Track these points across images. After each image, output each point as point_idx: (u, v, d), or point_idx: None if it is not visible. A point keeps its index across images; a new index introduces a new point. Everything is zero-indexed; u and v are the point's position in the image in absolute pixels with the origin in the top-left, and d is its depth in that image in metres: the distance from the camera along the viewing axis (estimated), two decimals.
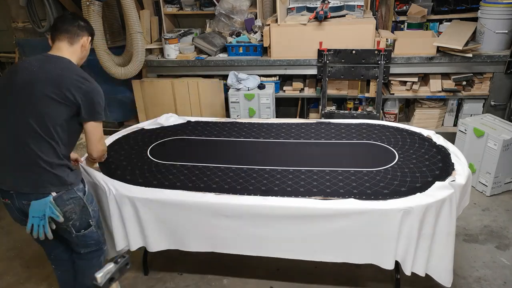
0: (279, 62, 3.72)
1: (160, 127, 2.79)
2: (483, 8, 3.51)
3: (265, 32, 3.66)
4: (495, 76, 3.56)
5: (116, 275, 1.18)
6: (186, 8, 4.15)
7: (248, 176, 2.16)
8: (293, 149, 2.45)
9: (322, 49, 3.54)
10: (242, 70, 3.78)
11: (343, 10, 3.75)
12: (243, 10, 3.96)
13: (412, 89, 3.69)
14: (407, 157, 2.26)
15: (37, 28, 4.09)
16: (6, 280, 2.51)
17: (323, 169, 2.19)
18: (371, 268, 2.44)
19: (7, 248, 2.80)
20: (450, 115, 3.84)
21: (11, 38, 4.54)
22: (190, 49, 3.87)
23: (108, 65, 3.75)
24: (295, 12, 3.89)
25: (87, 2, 3.46)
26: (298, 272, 2.45)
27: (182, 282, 2.42)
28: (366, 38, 3.52)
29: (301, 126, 2.71)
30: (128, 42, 3.92)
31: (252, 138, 2.60)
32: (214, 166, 2.27)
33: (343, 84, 3.78)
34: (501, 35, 3.48)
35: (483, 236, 2.68)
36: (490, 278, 2.34)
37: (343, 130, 2.63)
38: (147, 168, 2.29)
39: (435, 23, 3.96)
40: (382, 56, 3.42)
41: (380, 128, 2.62)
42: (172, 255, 2.64)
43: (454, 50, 3.40)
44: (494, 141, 2.96)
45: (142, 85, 3.98)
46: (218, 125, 2.80)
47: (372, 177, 2.08)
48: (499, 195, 3.11)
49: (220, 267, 2.52)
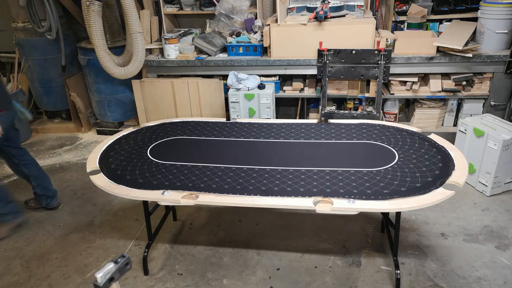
0: (279, 62, 3.72)
1: (161, 127, 2.79)
2: (483, 8, 3.51)
3: (265, 32, 3.66)
4: (495, 76, 3.56)
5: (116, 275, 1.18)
6: (186, 8, 4.15)
7: (248, 176, 2.16)
8: (293, 149, 2.45)
9: (322, 49, 3.54)
10: (242, 70, 3.78)
11: (343, 10, 3.75)
12: (243, 10, 3.96)
13: (412, 89, 3.69)
14: (407, 157, 2.26)
15: (37, 28, 4.09)
16: (6, 280, 2.51)
17: (323, 169, 2.19)
18: (371, 268, 2.44)
19: (7, 248, 2.80)
20: (450, 115, 3.84)
21: (11, 38, 4.54)
22: (190, 49, 3.87)
23: (108, 65, 3.75)
24: (295, 12, 3.89)
25: (87, 2, 3.47)
26: (298, 272, 2.45)
27: (182, 282, 2.43)
28: (366, 38, 3.52)
29: (301, 126, 2.71)
30: (128, 42, 3.92)
31: (252, 138, 2.60)
32: (214, 166, 2.27)
33: (343, 84, 3.78)
34: (501, 35, 3.49)
35: (483, 236, 2.68)
36: (490, 278, 2.35)
37: (343, 130, 2.63)
38: (147, 168, 2.29)
39: (435, 23, 3.96)
40: (382, 56, 3.42)
41: (380, 128, 2.62)
42: (172, 255, 2.64)
43: (454, 50, 3.40)
44: (494, 141, 2.96)
45: (142, 85, 3.98)
46: (218, 125, 2.80)
47: (372, 177, 2.09)
48: (499, 195, 3.11)
49: (220, 267, 2.52)
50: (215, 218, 2.98)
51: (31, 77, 4.47)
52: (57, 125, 4.68)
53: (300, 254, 2.59)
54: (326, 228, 2.81)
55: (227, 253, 2.63)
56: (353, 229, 2.79)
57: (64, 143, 4.39)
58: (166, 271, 2.51)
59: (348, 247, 2.63)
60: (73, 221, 3.05)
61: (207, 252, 2.65)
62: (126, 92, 4.31)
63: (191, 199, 2.04)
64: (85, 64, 4.21)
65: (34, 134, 4.62)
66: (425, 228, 2.77)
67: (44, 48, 4.29)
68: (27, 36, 4.26)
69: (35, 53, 4.30)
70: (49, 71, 4.40)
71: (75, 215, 3.13)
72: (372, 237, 2.71)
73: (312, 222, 2.87)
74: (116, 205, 3.21)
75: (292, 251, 2.62)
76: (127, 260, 1.21)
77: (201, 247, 2.70)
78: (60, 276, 2.51)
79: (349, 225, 2.83)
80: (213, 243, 2.73)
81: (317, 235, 2.75)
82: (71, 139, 4.47)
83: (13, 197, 3.06)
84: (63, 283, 2.46)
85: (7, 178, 3.72)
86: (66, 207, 3.23)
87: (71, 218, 3.09)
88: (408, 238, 2.68)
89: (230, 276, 2.44)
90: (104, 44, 3.71)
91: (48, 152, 4.19)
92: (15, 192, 3.46)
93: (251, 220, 2.93)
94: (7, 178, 3.72)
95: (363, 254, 2.56)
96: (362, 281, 2.36)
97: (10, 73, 4.66)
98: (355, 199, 1.93)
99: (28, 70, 4.42)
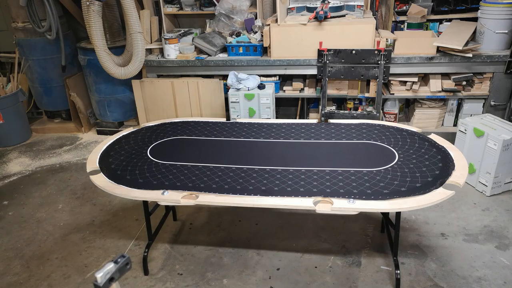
0: (279, 62, 3.72)
1: (161, 127, 2.79)
2: (483, 8, 3.51)
3: (265, 32, 3.66)
4: (495, 76, 3.56)
5: (116, 275, 1.18)
6: (186, 8, 4.15)
7: (248, 176, 2.16)
8: (293, 149, 2.45)
9: (322, 49, 3.54)
10: (242, 70, 3.78)
11: (343, 10, 3.75)
12: (243, 10, 3.96)
13: (412, 89, 3.69)
14: (407, 157, 2.26)
15: (37, 28, 4.09)
16: (6, 280, 2.51)
17: (323, 169, 2.19)
18: (371, 268, 2.44)
19: (7, 248, 2.80)
20: (450, 115, 3.84)
21: (11, 38, 4.54)
22: (190, 49, 3.88)
23: (108, 65, 3.75)
24: (295, 12, 3.89)
25: (87, 2, 3.47)
26: (298, 272, 2.45)
27: (182, 282, 2.43)
28: (366, 38, 3.52)
29: (301, 126, 2.71)
30: (128, 42, 3.92)
31: (252, 138, 2.60)
32: (214, 166, 2.28)
33: (343, 84, 3.78)
34: (501, 35, 3.49)
35: (483, 236, 2.68)
36: (490, 278, 2.35)
37: (343, 130, 2.63)
38: (147, 168, 2.29)
39: (435, 23, 3.96)
40: (382, 56, 3.42)
41: (380, 128, 2.62)
42: (172, 255, 2.64)
43: (454, 50, 3.40)
44: (494, 141, 2.96)
45: (142, 85, 3.98)
46: (218, 125, 2.80)
47: (372, 177, 2.09)
48: (499, 195, 3.11)
49: (220, 267, 2.52)
50: (215, 218, 2.98)
51: (31, 77, 4.47)
52: (57, 125, 4.68)
53: (300, 254, 2.59)
54: (326, 228, 2.81)
55: (227, 253, 2.63)
56: (353, 229, 2.79)
57: (64, 143, 4.39)
58: (166, 271, 2.51)
59: (348, 247, 2.63)
60: (73, 221, 3.06)
61: (207, 252, 2.65)
62: (126, 92, 4.31)
63: (191, 199, 2.04)
64: (85, 64, 4.21)
65: (34, 134, 4.62)
66: (425, 228, 2.77)
67: (44, 48, 4.29)
68: (27, 36, 4.26)
69: (35, 53, 4.30)
70: (49, 71, 4.40)
71: (75, 215, 3.13)
72: (372, 237, 2.71)
73: (312, 222, 2.87)
74: (116, 205, 3.21)
75: (292, 251, 2.62)
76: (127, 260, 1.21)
77: (201, 247, 2.70)
78: (60, 276, 2.52)
79: (349, 225, 2.83)
80: (213, 243, 2.73)
81: (317, 235, 2.75)
82: (71, 139, 4.47)
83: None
84: (63, 283, 2.46)
85: (7, 178, 3.72)
86: (66, 207, 3.23)
87: (71, 218, 3.09)
88: (408, 238, 2.68)
89: (230, 276, 2.45)
90: (104, 44, 3.71)
91: (48, 152, 4.19)
92: (15, 193, 3.47)
93: (251, 220, 2.93)
94: (7, 178, 3.72)
95: (363, 254, 2.56)
96: (362, 281, 2.36)
97: (10, 73, 4.66)
98: (355, 199, 1.93)
99: (28, 70, 4.42)
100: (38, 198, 3.38)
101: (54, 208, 3.22)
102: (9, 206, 3.28)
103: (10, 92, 4.31)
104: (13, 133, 4.37)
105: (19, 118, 4.40)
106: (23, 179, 3.70)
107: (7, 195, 3.44)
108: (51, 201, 3.32)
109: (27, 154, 4.18)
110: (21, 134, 4.46)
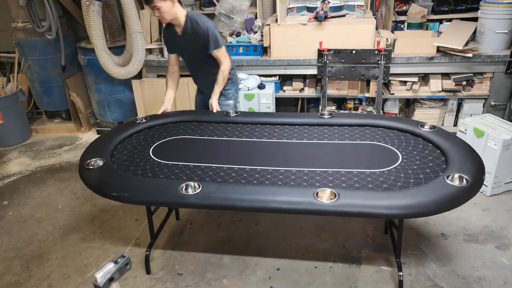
0: (279, 62, 3.72)
1: (161, 127, 2.79)
2: (483, 8, 3.51)
3: (265, 32, 3.66)
4: (495, 76, 3.56)
5: (116, 275, 1.18)
6: (186, 8, 4.14)
7: (251, 176, 2.16)
8: (296, 150, 2.44)
9: (322, 49, 3.54)
10: (242, 70, 3.78)
11: (343, 10, 3.75)
12: (243, 10, 3.96)
13: (412, 89, 3.69)
14: (411, 158, 2.25)
15: (37, 28, 4.09)
16: (6, 280, 2.51)
17: (326, 169, 2.18)
18: (371, 268, 2.44)
19: (7, 248, 2.80)
20: (450, 115, 3.84)
21: (11, 38, 4.54)
22: None
23: (108, 65, 3.75)
24: (295, 12, 3.89)
25: (87, 2, 3.47)
26: (298, 272, 2.45)
27: (182, 282, 2.42)
28: (366, 38, 3.52)
29: (304, 126, 2.71)
30: (128, 42, 3.92)
31: (255, 138, 2.60)
32: (217, 166, 2.27)
33: (343, 84, 3.78)
34: (501, 35, 3.49)
35: (483, 236, 2.68)
36: (490, 278, 2.34)
37: (346, 130, 2.63)
38: (149, 167, 2.29)
39: (435, 23, 3.96)
40: (382, 56, 3.42)
41: (384, 128, 2.61)
42: (172, 255, 2.64)
43: (454, 50, 3.40)
44: (494, 141, 2.96)
45: (142, 85, 3.98)
46: (220, 125, 2.79)
47: (375, 178, 2.08)
48: (499, 195, 3.11)
49: (220, 267, 2.52)
50: (215, 218, 2.98)
51: (31, 77, 4.47)
52: (57, 125, 4.68)
53: (300, 254, 2.59)
54: (326, 228, 2.81)
55: (227, 253, 2.63)
56: (353, 229, 2.79)
57: (64, 143, 4.39)
58: (166, 271, 2.51)
59: (348, 247, 2.62)
60: (73, 221, 3.05)
61: (207, 252, 2.65)
62: (126, 92, 4.31)
63: None
64: (85, 64, 4.21)
65: (34, 134, 4.62)
66: (425, 228, 2.77)
67: (44, 48, 4.28)
68: (27, 36, 4.26)
69: (35, 53, 4.30)
70: (49, 71, 4.40)
71: (75, 215, 3.12)
72: (372, 237, 2.71)
73: (312, 222, 2.87)
74: (116, 205, 3.20)
75: (292, 251, 2.61)
76: (127, 260, 1.21)
77: (201, 247, 2.70)
78: (60, 276, 2.51)
79: (349, 225, 2.83)
80: (213, 243, 2.73)
81: (317, 235, 2.75)
82: (71, 139, 4.47)
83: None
84: (63, 283, 2.46)
85: (7, 178, 3.72)
86: (66, 207, 3.23)
87: (71, 218, 3.09)
88: (408, 238, 2.68)
89: (230, 276, 2.44)
90: (104, 44, 3.71)
91: (48, 152, 4.19)
92: (14, 193, 3.46)
93: (251, 220, 2.93)
94: (7, 178, 3.72)
95: (363, 254, 2.56)
96: (362, 281, 2.36)
97: (10, 73, 4.65)
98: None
99: (28, 70, 4.42)
100: (38, 198, 3.38)
101: (54, 208, 3.22)
102: (9, 206, 3.28)
103: (10, 92, 4.30)
104: (13, 133, 4.37)
105: (19, 118, 4.40)
106: (23, 179, 3.69)
107: (7, 195, 3.44)
108: (51, 201, 3.32)
109: (27, 154, 4.18)
110: (21, 134, 4.46)
